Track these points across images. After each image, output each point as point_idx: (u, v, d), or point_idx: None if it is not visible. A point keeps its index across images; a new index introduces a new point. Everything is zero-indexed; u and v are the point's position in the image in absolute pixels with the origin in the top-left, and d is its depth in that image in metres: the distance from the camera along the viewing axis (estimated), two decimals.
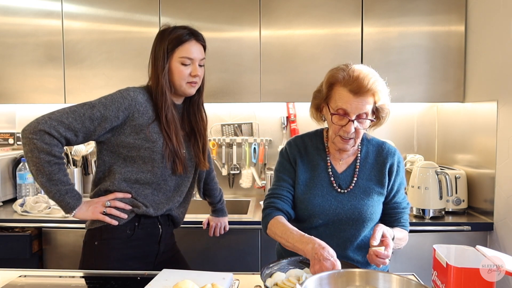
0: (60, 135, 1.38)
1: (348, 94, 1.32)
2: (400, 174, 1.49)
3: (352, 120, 1.34)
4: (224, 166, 2.73)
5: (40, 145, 1.36)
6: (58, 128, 1.37)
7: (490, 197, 2.07)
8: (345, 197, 1.43)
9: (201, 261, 2.11)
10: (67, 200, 1.43)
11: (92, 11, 2.40)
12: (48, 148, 1.37)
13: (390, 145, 1.53)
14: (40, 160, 1.37)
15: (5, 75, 2.46)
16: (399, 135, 2.65)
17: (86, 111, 1.40)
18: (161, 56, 1.51)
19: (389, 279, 1.04)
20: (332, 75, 1.38)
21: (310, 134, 1.55)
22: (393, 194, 1.47)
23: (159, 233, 1.60)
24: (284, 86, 2.36)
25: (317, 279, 1.01)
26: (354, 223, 1.42)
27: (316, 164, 1.48)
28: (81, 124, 1.39)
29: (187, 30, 1.54)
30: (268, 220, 1.41)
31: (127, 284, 1.31)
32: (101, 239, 1.51)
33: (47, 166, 1.38)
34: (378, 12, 2.31)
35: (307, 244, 1.22)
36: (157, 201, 1.55)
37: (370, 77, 1.32)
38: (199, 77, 1.56)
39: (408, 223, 1.51)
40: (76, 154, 2.61)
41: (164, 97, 1.50)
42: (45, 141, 1.36)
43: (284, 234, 1.31)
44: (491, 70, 2.08)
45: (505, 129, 1.95)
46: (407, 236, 1.48)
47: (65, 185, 1.43)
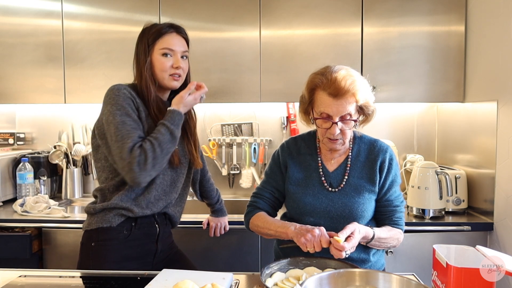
0: (135, 140, 1.41)
1: (328, 97, 1.35)
2: (392, 171, 1.48)
3: (336, 123, 1.36)
4: (224, 166, 2.73)
5: (140, 159, 1.38)
6: (132, 146, 1.39)
7: (490, 197, 2.07)
8: (336, 196, 1.45)
9: (201, 261, 2.10)
10: (179, 123, 1.49)
11: (92, 11, 2.40)
12: (144, 152, 1.39)
13: (383, 142, 1.53)
14: (156, 155, 1.40)
15: (5, 75, 2.46)
16: (399, 135, 2.65)
17: (124, 128, 1.42)
18: (143, 50, 1.53)
19: (389, 279, 1.04)
20: (310, 80, 1.41)
21: (303, 135, 1.59)
22: (384, 191, 1.47)
23: (156, 232, 1.60)
24: (284, 86, 2.36)
25: (317, 279, 1.01)
26: (345, 221, 1.42)
27: (308, 165, 1.51)
28: (136, 136, 1.42)
29: (167, 24, 1.56)
30: (250, 217, 1.52)
31: (127, 284, 1.31)
32: (98, 240, 1.51)
33: (159, 149, 1.41)
34: (378, 12, 2.31)
35: (289, 227, 1.34)
36: (157, 196, 1.55)
37: (347, 78, 1.34)
38: (182, 69, 1.56)
39: (402, 221, 1.50)
40: (76, 154, 2.61)
41: (149, 91, 1.52)
42: (136, 154, 1.38)
43: (266, 224, 1.44)
44: (491, 70, 2.08)
45: (505, 129, 1.95)
46: (398, 234, 1.46)
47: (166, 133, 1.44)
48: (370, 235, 1.35)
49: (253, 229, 1.51)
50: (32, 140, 2.80)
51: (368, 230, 1.35)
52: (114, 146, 1.42)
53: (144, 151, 1.39)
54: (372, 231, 1.36)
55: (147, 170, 1.40)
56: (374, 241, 1.37)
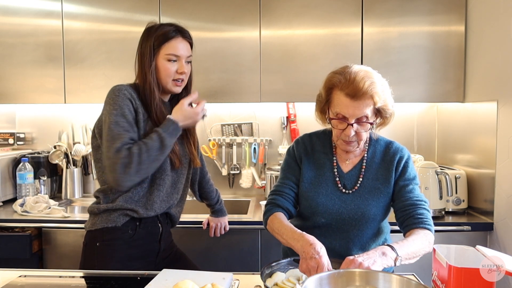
0: (125, 141, 1.40)
1: (345, 98, 1.31)
2: (409, 169, 1.44)
3: (351, 124, 1.32)
4: (224, 166, 2.73)
5: (124, 161, 1.37)
6: (121, 148, 1.39)
7: (490, 197, 2.07)
8: (349, 197, 1.43)
9: (201, 261, 2.10)
10: (173, 133, 1.48)
11: (92, 11, 2.40)
12: (130, 155, 1.38)
13: (398, 143, 1.50)
14: (141, 160, 1.39)
15: (5, 75, 2.46)
16: (399, 135, 2.65)
17: (116, 128, 1.41)
18: (148, 53, 1.51)
19: (389, 279, 1.04)
20: (329, 79, 1.37)
21: (318, 133, 1.55)
22: (400, 188, 1.41)
23: (160, 231, 1.60)
24: (284, 86, 2.36)
25: (317, 279, 1.01)
26: (357, 223, 1.41)
27: (322, 163, 1.48)
28: (127, 138, 1.41)
29: (173, 27, 1.54)
30: (268, 216, 1.44)
31: (127, 284, 1.31)
32: (103, 240, 1.51)
33: (146, 155, 1.40)
34: (378, 12, 2.31)
35: (297, 242, 1.24)
36: (160, 198, 1.55)
37: (365, 79, 1.29)
38: (185, 74, 1.56)
39: (427, 219, 1.34)
40: (76, 154, 2.61)
41: (153, 95, 1.51)
42: (122, 155, 1.37)
43: (280, 230, 1.34)
44: (491, 70, 2.08)
45: (505, 129, 1.95)
46: (428, 240, 1.28)
47: (156, 140, 1.43)
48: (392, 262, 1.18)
49: (270, 231, 1.42)
50: (32, 140, 2.80)
51: (388, 260, 1.16)
52: (104, 145, 1.43)
53: (130, 154, 1.38)
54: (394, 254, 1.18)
55: (130, 174, 1.39)
56: (402, 261, 1.20)
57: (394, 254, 1.18)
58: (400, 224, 1.41)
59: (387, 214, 1.49)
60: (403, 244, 1.23)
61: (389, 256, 1.17)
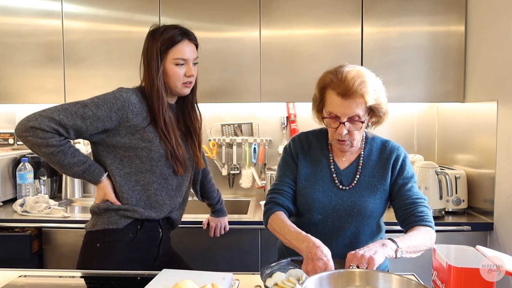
0: (52, 129, 1.38)
1: (337, 97, 1.33)
2: (407, 167, 1.45)
3: (343, 123, 1.34)
4: (224, 166, 2.73)
5: (35, 141, 1.37)
6: (49, 123, 1.38)
7: (490, 197, 2.07)
8: (346, 194, 1.43)
9: (201, 261, 2.10)
10: (87, 178, 1.47)
11: (92, 11, 2.40)
12: (45, 141, 1.37)
13: (394, 142, 1.52)
14: (44, 154, 1.40)
15: (5, 75, 2.46)
16: (399, 135, 2.65)
17: (78, 109, 1.40)
18: (154, 58, 1.49)
19: (389, 279, 1.04)
20: (322, 78, 1.39)
21: (315, 131, 1.56)
22: (399, 187, 1.42)
23: (160, 236, 1.60)
24: (284, 86, 2.36)
25: (317, 279, 1.01)
26: (354, 220, 1.42)
27: (319, 160, 1.49)
28: (72, 122, 1.39)
29: (178, 30, 1.52)
30: (268, 215, 1.43)
31: (127, 284, 1.31)
32: (103, 241, 1.50)
33: (52, 157, 1.40)
34: (378, 12, 2.30)
35: (302, 243, 1.23)
36: (161, 201, 1.54)
37: (356, 79, 1.30)
38: (193, 76, 1.56)
39: (428, 216, 1.36)
40: None
41: (161, 100, 1.49)
42: (39, 136, 1.37)
43: (282, 230, 1.33)
44: (491, 70, 2.08)
45: (505, 129, 1.95)
46: (429, 236, 1.31)
47: (79, 165, 1.44)
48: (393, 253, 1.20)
49: (271, 230, 1.41)
50: None
51: (388, 251, 1.18)
52: (46, 109, 1.41)
53: (37, 141, 1.37)
54: (394, 246, 1.21)
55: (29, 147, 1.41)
56: (403, 254, 1.22)
57: (394, 246, 1.20)
58: (401, 223, 1.42)
59: (383, 212, 1.49)
60: (403, 238, 1.26)
61: (389, 247, 1.19)
